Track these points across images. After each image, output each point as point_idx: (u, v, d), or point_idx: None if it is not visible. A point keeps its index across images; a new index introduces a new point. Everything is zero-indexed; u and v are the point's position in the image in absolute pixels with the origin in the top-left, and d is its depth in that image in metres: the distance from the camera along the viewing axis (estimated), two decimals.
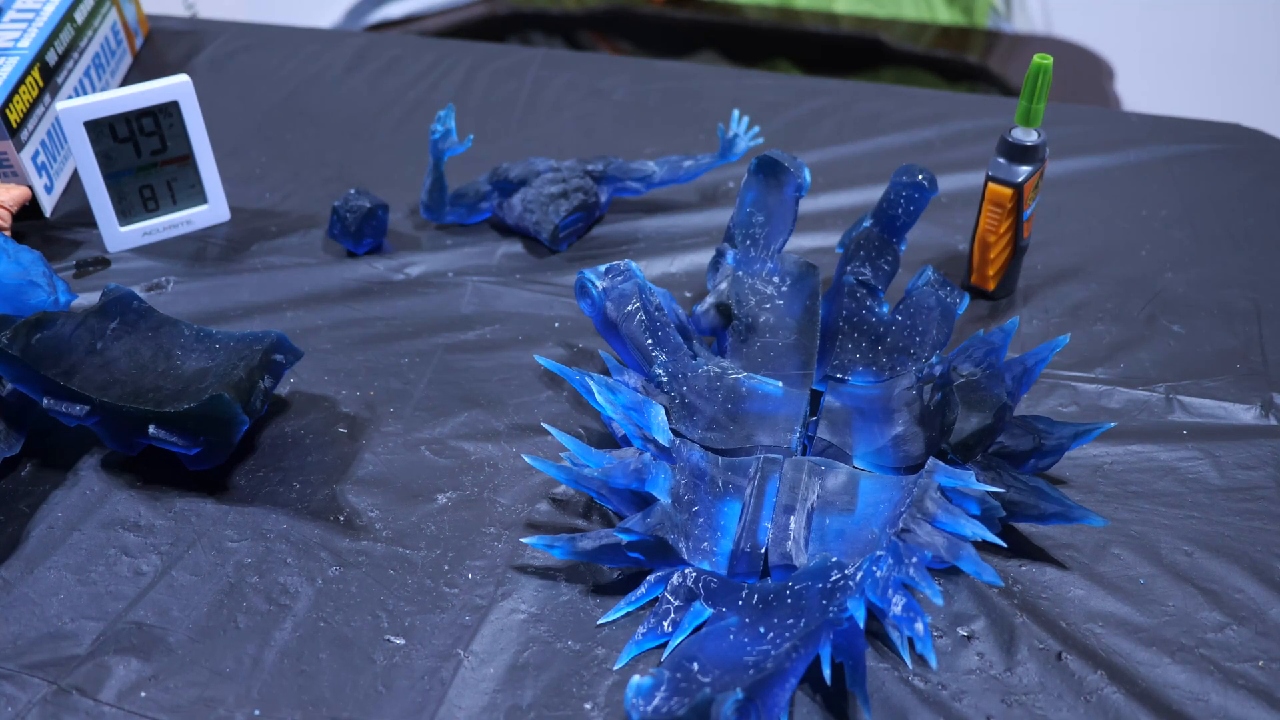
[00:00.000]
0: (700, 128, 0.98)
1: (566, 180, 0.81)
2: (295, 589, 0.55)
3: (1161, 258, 0.80)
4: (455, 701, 0.50)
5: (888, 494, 0.58)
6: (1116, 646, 0.53)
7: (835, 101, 1.02)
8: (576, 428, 0.65)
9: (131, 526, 0.59)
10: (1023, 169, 0.70)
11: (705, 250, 0.81)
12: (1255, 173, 0.90)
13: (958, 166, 0.90)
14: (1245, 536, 0.58)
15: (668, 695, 0.46)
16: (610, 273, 0.65)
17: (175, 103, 0.79)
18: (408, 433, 0.65)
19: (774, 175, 0.70)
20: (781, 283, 0.69)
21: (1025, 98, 0.69)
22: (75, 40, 0.95)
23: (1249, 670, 0.51)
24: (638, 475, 0.55)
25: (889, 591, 0.49)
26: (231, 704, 0.50)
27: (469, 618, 0.54)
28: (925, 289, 0.67)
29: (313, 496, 0.61)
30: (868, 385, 0.66)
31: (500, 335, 0.73)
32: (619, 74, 1.07)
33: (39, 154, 0.86)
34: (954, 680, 0.51)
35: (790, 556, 0.54)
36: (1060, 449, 0.58)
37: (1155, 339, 0.72)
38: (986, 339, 0.61)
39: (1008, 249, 0.74)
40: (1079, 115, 0.99)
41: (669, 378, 0.63)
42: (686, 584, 0.53)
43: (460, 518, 0.59)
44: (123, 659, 0.52)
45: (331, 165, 0.93)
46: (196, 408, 0.58)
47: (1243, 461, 0.62)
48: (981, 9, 1.84)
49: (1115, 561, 0.57)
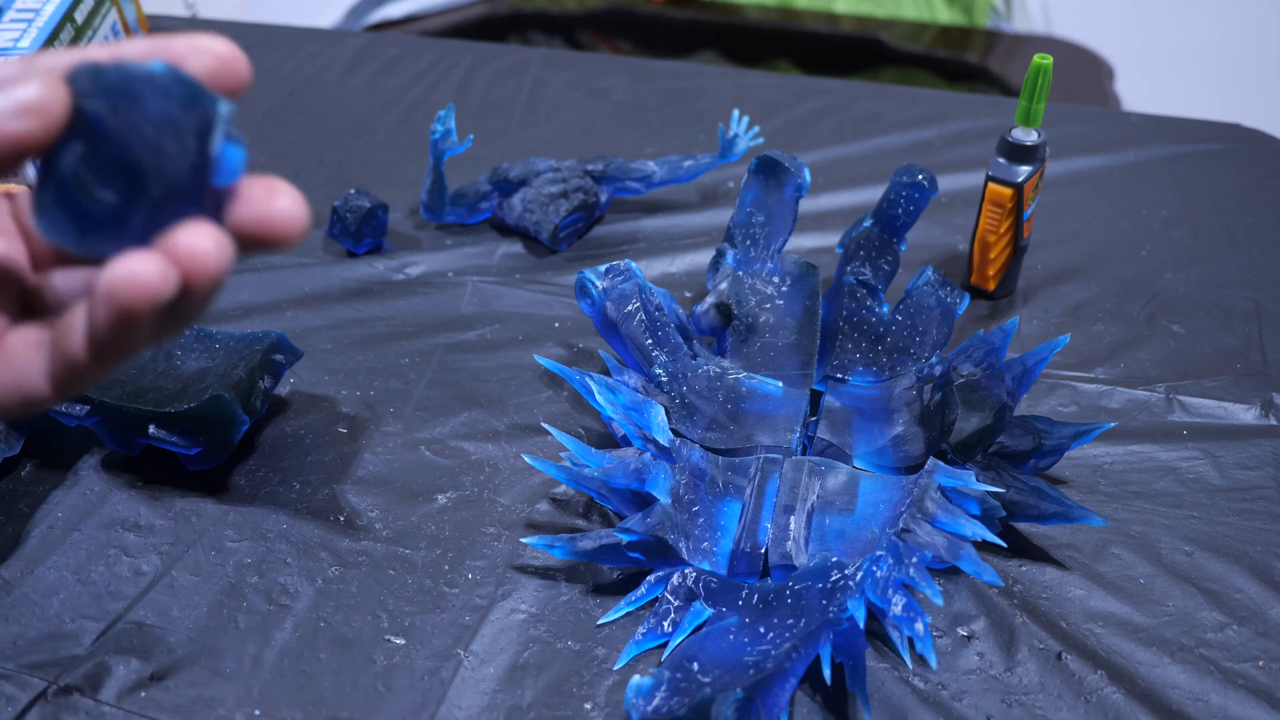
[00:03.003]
0: (700, 128, 0.98)
1: (566, 180, 0.81)
2: (295, 589, 0.55)
3: (1161, 258, 0.80)
4: (455, 701, 0.50)
5: (888, 494, 0.58)
6: (1116, 646, 0.53)
7: (835, 101, 1.02)
8: (576, 428, 0.65)
9: (131, 526, 0.59)
10: (1023, 169, 0.70)
11: (705, 250, 0.81)
12: (1255, 173, 0.90)
13: (958, 166, 0.90)
14: (1245, 536, 0.58)
15: (668, 695, 0.46)
16: (610, 273, 0.65)
17: None
18: (408, 433, 0.65)
19: (774, 175, 0.70)
20: (781, 283, 0.69)
21: (1025, 98, 0.69)
22: (75, 40, 0.95)
23: (1249, 670, 0.51)
24: (638, 475, 0.55)
25: (889, 591, 0.49)
26: (231, 704, 0.50)
27: (469, 618, 0.54)
28: (925, 289, 0.67)
29: (313, 496, 0.61)
30: (868, 385, 0.66)
31: (500, 335, 0.73)
32: (619, 74, 1.07)
33: None
34: (954, 680, 0.51)
35: (790, 556, 0.54)
36: (1060, 449, 0.58)
37: (1155, 339, 0.72)
38: (986, 339, 0.61)
39: (1008, 249, 0.74)
40: (1079, 115, 0.99)
41: (669, 378, 0.63)
42: (686, 584, 0.53)
43: (460, 518, 0.59)
44: (123, 659, 0.52)
45: (331, 165, 0.93)
46: (196, 408, 0.58)
47: (1243, 461, 0.62)
48: (981, 9, 1.84)
49: (1115, 561, 0.57)
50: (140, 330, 0.25)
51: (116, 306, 0.24)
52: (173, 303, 0.25)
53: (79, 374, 0.27)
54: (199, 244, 0.25)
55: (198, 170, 0.25)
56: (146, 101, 0.25)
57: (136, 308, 0.24)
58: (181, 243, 0.25)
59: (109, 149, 0.25)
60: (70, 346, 0.26)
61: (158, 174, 0.25)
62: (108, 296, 0.24)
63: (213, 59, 0.27)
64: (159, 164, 0.25)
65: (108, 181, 0.25)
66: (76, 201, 0.26)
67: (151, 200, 0.25)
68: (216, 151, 0.25)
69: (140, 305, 0.24)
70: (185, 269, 0.25)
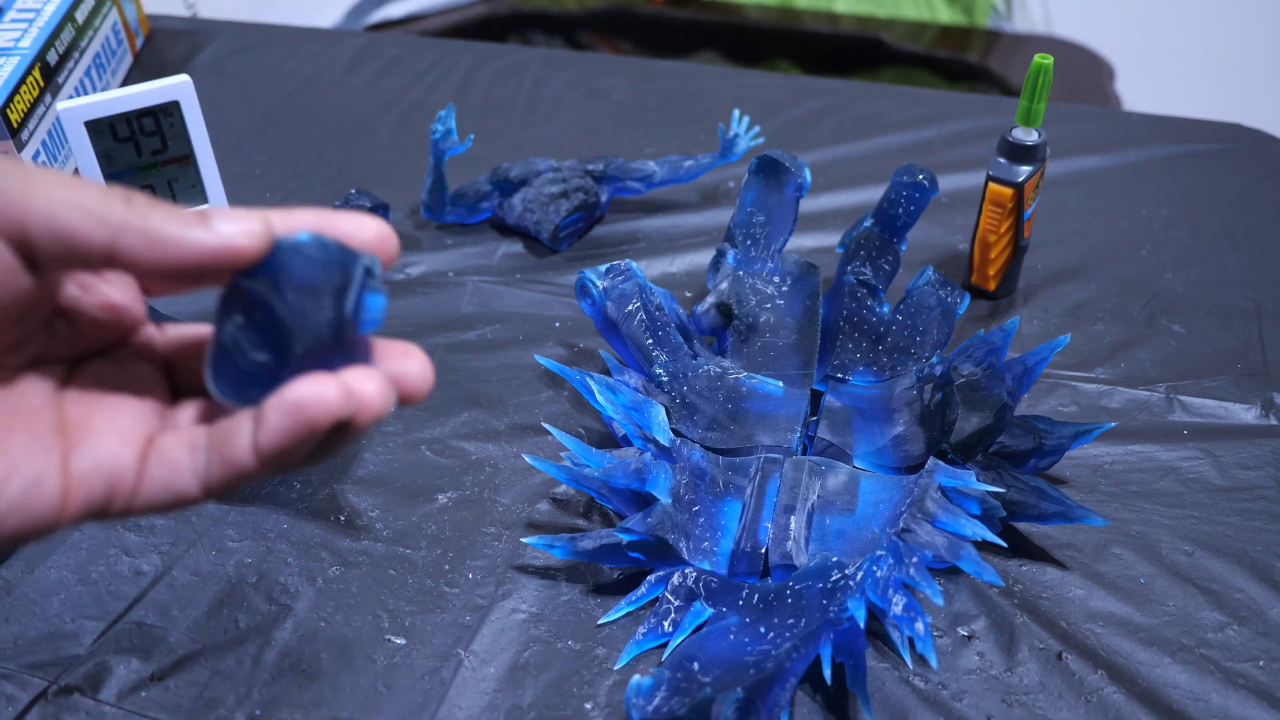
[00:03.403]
0: (700, 128, 0.98)
1: (567, 180, 0.81)
2: (295, 589, 0.55)
3: (1161, 258, 0.80)
4: (455, 701, 0.50)
5: (888, 494, 0.58)
6: (1117, 646, 0.53)
7: (835, 101, 1.02)
8: (577, 428, 0.65)
9: (132, 526, 0.59)
10: (1023, 169, 0.70)
11: (705, 250, 0.81)
12: (1255, 173, 0.90)
13: (958, 166, 0.90)
14: (1246, 536, 0.58)
15: (668, 695, 0.46)
16: (611, 272, 0.65)
17: (176, 102, 0.79)
18: (408, 432, 0.65)
19: (774, 175, 0.70)
20: (782, 282, 0.69)
21: (1025, 98, 0.69)
22: (76, 40, 0.95)
23: (1249, 670, 0.51)
24: (638, 475, 0.55)
25: (889, 591, 0.49)
26: (231, 704, 0.50)
27: (469, 618, 0.54)
28: (925, 289, 0.67)
29: (313, 496, 0.61)
30: (868, 385, 0.66)
31: (500, 335, 0.73)
32: (619, 74, 1.07)
33: (40, 154, 0.86)
34: (954, 680, 0.51)
35: (790, 556, 0.54)
36: (1060, 449, 0.58)
37: (1155, 339, 0.72)
38: (987, 339, 0.61)
39: (1008, 249, 0.74)
40: (1079, 115, 0.99)
41: (669, 378, 0.63)
42: (687, 584, 0.53)
43: (460, 518, 0.59)
44: (123, 659, 0.52)
45: (331, 165, 0.93)
46: None
47: (1243, 461, 0.62)
48: (981, 9, 1.84)
49: (1116, 561, 0.57)
50: (306, 447, 0.28)
51: (301, 418, 0.27)
52: (336, 429, 0.28)
53: (235, 480, 0.29)
54: (368, 387, 0.28)
55: (340, 325, 0.28)
56: (294, 270, 0.28)
57: (319, 422, 0.27)
58: (354, 381, 0.28)
59: (261, 316, 0.29)
60: (234, 453, 0.28)
61: (305, 333, 0.28)
62: (294, 409, 0.27)
63: (371, 235, 0.30)
64: (305, 324, 0.28)
65: (262, 345, 0.29)
66: (238, 364, 0.29)
67: (300, 356, 0.28)
68: (356, 307, 0.29)
69: (322, 421, 0.27)
70: (358, 403, 0.28)
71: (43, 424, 0.29)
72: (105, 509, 0.29)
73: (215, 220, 0.28)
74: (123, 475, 0.29)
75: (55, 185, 0.27)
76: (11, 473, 0.28)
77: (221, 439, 0.29)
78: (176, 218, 0.27)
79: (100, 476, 0.29)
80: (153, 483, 0.29)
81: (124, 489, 0.29)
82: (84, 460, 0.29)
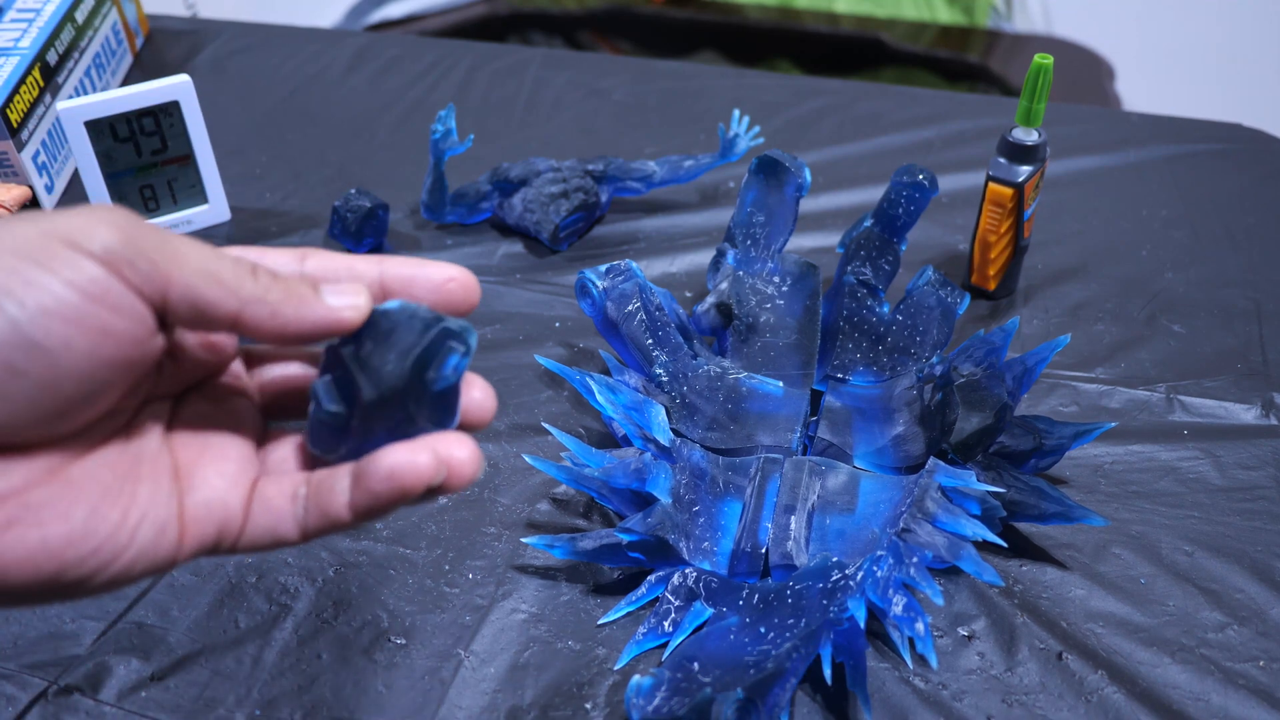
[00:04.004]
0: (700, 128, 0.98)
1: (567, 180, 0.81)
2: (295, 589, 0.55)
3: (1161, 258, 0.80)
4: (455, 701, 0.50)
5: (888, 494, 0.58)
6: (1117, 646, 0.53)
7: (835, 101, 1.02)
8: (577, 428, 0.65)
9: None
10: (1023, 169, 0.70)
11: (705, 250, 0.81)
12: (1255, 173, 0.90)
13: (958, 166, 0.90)
14: (1246, 536, 0.58)
15: (668, 695, 0.46)
16: (611, 272, 0.65)
17: (176, 103, 0.79)
18: None
19: (774, 175, 0.70)
20: (782, 282, 0.69)
21: (1026, 98, 0.69)
22: (76, 40, 0.95)
23: (1250, 670, 0.51)
24: (638, 475, 0.55)
25: (889, 591, 0.49)
26: (231, 704, 0.50)
27: (469, 618, 0.54)
28: (926, 289, 0.67)
29: None
30: (868, 385, 0.66)
31: (500, 335, 0.73)
32: (619, 74, 1.07)
33: (39, 154, 0.86)
34: (954, 680, 0.51)
35: (791, 556, 0.54)
36: (1061, 449, 0.58)
37: (1155, 339, 0.72)
38: (987, 339, 0.61)
39: (1008, 249, 0.74)
40: (1079, 115, 0.99)
41: (669, 378, 0.63)
42: (687, 584, 0.53)
43: (460, 518, 0.59)
44: (123, 659, 0.52)
45: (331, 165, 0.93)
46: None
47: (1243, 461, 0.62)
48: (981, 9, 1.84)
49: (1116, 561, 0.57)
50: (399, 507, 0.31)
51: (396, 485, 0.30)
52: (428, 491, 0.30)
53: (330, 530, 0.31)
54: (459, 453, 0.30)
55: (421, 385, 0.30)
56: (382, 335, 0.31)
57: (412, 490, 0.30)
58: (446, 448, 0.30)
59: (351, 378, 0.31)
60: (332, 509, 0.31)
61: (390, 393, 0.30)
62: (389, 476, 0.30)
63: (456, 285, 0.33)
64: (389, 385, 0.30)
65: (352, 404, 0.31)
66: (330, 424, 0.32)
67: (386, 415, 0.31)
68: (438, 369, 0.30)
69: (416, 488, 0.30)
70: (450, 470, 0.30)
71: (162, 471, 0.31)
72: (214, 549, 0.31)
73: (326, 293, 0.30)
74: (231, 519, 0.31)
75: (195, 256, 0.28)
76: (142, 521, 0.29)
77: (321, 494, 0.31)
78: (296, 294, 0.30)
79: (212, 521, 0.31)
80: (257, 527, 0.32)
81: (232, 531, 0.31)
82: (197, 506, 0.31)
